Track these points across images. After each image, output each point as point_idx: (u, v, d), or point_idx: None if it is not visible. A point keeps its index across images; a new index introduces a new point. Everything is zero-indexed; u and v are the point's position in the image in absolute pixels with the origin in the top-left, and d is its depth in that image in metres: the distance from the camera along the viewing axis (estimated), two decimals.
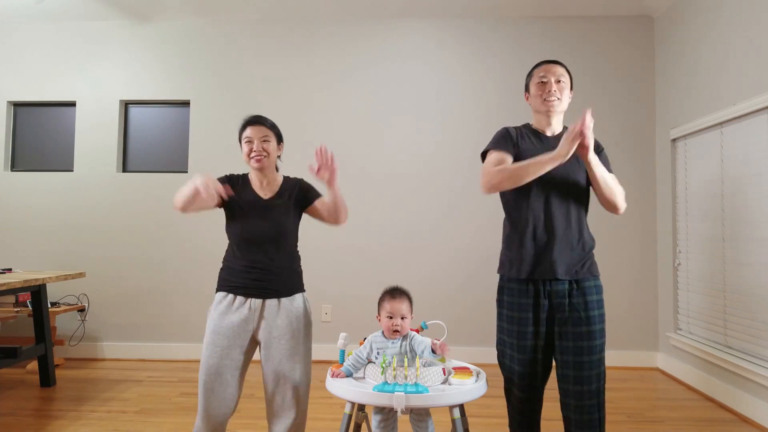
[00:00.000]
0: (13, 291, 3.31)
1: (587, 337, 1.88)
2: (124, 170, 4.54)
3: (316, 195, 2.17)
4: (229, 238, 2.08)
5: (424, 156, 4.36)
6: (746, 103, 3.11)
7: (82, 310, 4.32)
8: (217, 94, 4.45)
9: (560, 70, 2.01)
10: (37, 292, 3.60)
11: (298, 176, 2.30)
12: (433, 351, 1.87)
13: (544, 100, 1.99)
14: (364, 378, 1.92)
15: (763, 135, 3.01)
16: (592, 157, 1.87)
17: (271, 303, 2.00)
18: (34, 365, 3.89)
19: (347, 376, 1.91)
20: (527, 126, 2.09)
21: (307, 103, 4.42)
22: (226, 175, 2.14)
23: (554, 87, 1.99)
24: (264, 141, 2.07)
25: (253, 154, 2.06)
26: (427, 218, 4.33)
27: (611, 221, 4.25)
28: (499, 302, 2.05)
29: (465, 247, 4.28)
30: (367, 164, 4.37)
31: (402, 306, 1.92)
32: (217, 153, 4.42)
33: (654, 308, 4.21)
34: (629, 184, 4.26)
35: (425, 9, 4.33)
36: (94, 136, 4.46)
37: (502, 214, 4.45)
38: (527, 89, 2.09)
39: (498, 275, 2.09)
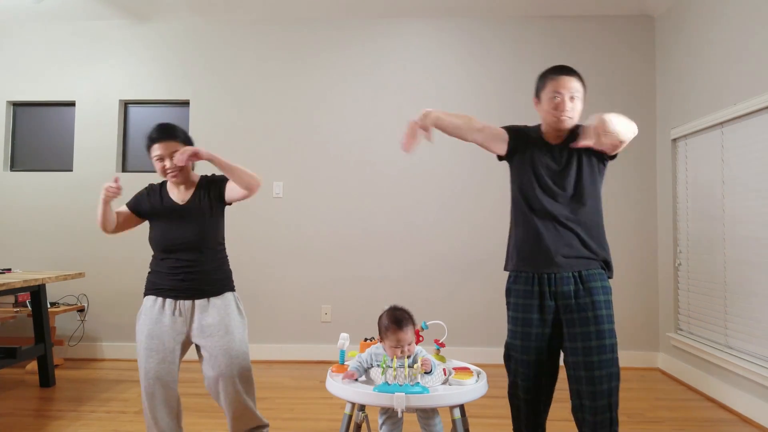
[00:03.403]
0: (12, 291, 3.30)
1: (596, 337, 1.86)
2: (124, 170, 4.54)
3: (224, 178, 2.13)
4: (151, 247, 2.08)
5: (423, 155, 4.36)
6: (746, 103, 3.11)
7: (81, 310, 4.32)
8: (217, 94, 4.45)
9: (576, 84, 1.92)
10: (37, 292, 3.59)
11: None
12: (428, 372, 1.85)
13: (558, 118, 1.93)
14: (364, 378, 1.91)
15: (764, 135, 3.00)
16: (602, 136, 1.78)
17: (200, 303, 2.01)
18: (33, 365, 3.88)
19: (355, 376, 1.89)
20: (537, 128, 2.07)
21: (307, 103, 4.42)
22: (143, 189, 2.15)
23: (568, 105, 1.91)
24: (174, 155, 2.01)
25: (168, 172, 2.02)
26: (427, 217, 4.32)
27: (611, 221, 4.24)
28: (507, 304, 2.05)
29: (465, 246, 4.28)
30: (366, 164, 4.37)
31: (408, 335, 1.87)
32: (216, 152, 4.41)
33: (654, 308, 4.21)
34: (629, 184, 4.26)
35: (425, 9, 4.32)
36: (94, 136, 4.46)
37: (501, 213, 4.41)
38: (537, 95, 2.02)
39: (506, 273, 2.09)
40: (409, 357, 1.87)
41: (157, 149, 2.02)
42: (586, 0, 4.17)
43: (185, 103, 4.53)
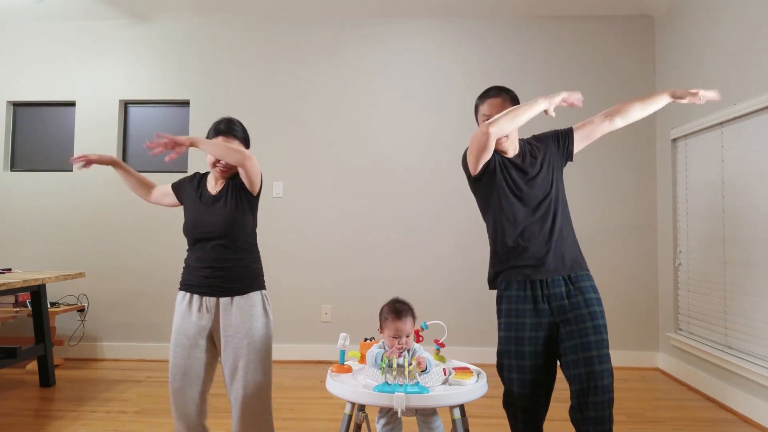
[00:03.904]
0: (12, 291, 3.30)
1: (593, 332, 1.86)
2: None
3: None
4: (185, 237, 2.09)
5: (422, 154, 4.36)
6: (746, 103, 3.11)
7: (81, 310, 4.32)
8: (217, 94, 4.45)
9: (502, 102, 1.97)
10: (37, 292, 3.59)
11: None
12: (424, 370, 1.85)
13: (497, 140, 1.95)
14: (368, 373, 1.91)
15: (763, 135, 3.00)
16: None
17: (224, 301, 1.99)
18: (33, 365, 3.88)
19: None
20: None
21: (306, 103, 4.42)
22: (189, 175, 2.20)
23: None
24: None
25: (218, 166, 2.04)
26: (427, 217, 4.33)
27: (611, 222, 4.25)
28: (498, 312, 2.04)
29: (465, 246, 4.28)
30: (365, 164, 4.37)
31: (407, 326, 1.89)
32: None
33: (654, 308, 4.21)
34: (629, 183, 4.26)
35: (425, 9, 4.32)
36: (94, 136, 4.46)
37: None
38: (476, 113, 2.06)
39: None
40: (407, 351, 1.87)
41: (219, 141, 2.05)
42: (586, 0, 4.17)
43: (185, 103, 4.53)
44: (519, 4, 4.25)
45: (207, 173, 2.17)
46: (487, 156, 1.94)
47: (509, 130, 1.87)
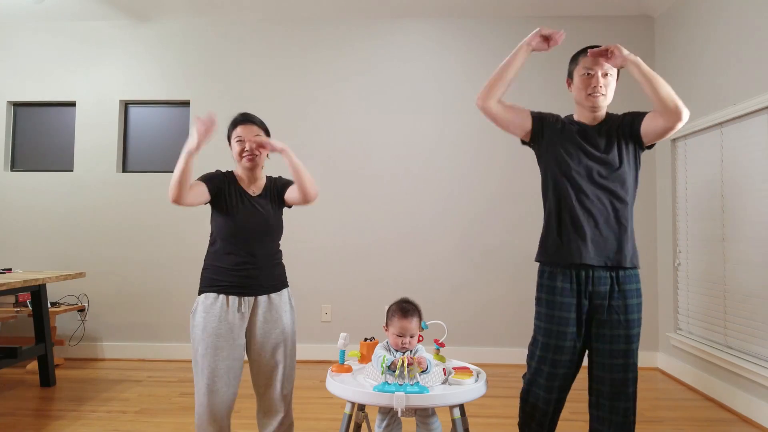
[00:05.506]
0: (13, 291, 3.31)
1: (624, 341, 1.85)
2: (124, 170, 4.54)
3: (288, 182, 2.20)
4: (215, 235, 2.08)
5: (423, 155, 4.36)
6: (746, 103, 3.11)
7: (82, 310, 4.32)
8: (217, 94, 4.45)
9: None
10: (37, 292, 3.60)
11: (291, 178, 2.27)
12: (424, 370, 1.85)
13: (589, 95, 1.87)
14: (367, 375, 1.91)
15: (763, 135, 3.01)
16: (628, 64, 1.80)
17: (262, 299, 2.04)
18: (34, 365, 3.89)
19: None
20: (570, 117, 2.00)
21: (307, 103, 4.42)
22: (213, 172, 2.15)
23: (601, 82, 1.85)
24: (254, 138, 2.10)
25: (245, 154, 2.09)
26: (427, 217, 4.33)
27: None
28: (538, 300, 1.97)
29: (464, 246, 4.28)
30: (366, 164, 4.37)
31: (412, 325, 1.89)
32: (216, 153, 4.41)
33: (654, 308, 4.21)
34: None
35: (425, 9, 4.33)
36: (94, 136, 4.46)
37: (499, 214, 4.42)
38: (570, 75, 1.96)
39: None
40: (410, 351, 1.88)
41: (239, 131, 2.10)
42: (586, 0, 4.17)
43: (185, 103, 4.53)
44: (519, 4, 4.25)
45: (231, 173, 2.17)
46: (508, 128, 1.97)
47: (497, 92, 1.90)
